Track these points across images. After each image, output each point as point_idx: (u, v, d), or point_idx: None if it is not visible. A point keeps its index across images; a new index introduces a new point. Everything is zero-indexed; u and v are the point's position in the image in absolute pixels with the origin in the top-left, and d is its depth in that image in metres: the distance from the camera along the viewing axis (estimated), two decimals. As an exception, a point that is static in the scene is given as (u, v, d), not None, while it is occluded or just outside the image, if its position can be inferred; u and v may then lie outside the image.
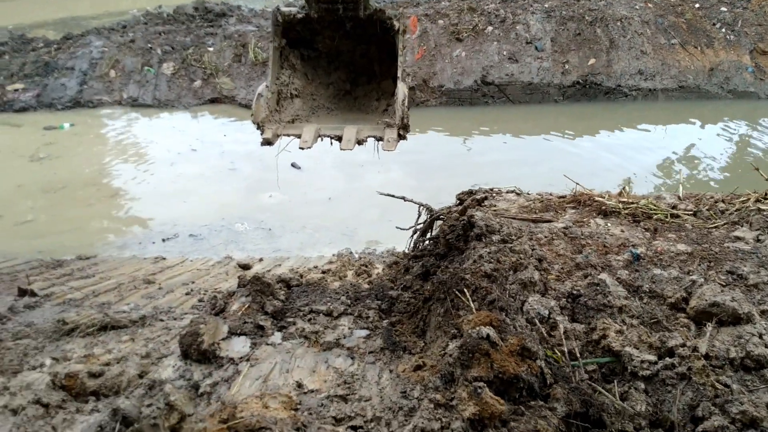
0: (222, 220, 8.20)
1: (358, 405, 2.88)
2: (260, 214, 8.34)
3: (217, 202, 8.73)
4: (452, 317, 3.20)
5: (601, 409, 2.67)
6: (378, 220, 8.13)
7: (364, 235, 7.77)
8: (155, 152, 10.96)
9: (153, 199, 8.90)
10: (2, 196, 9.08)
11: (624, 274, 3.49)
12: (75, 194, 9.21)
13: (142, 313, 4.51)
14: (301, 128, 4.43)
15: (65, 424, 2.97)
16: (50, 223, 8.48)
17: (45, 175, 9.80)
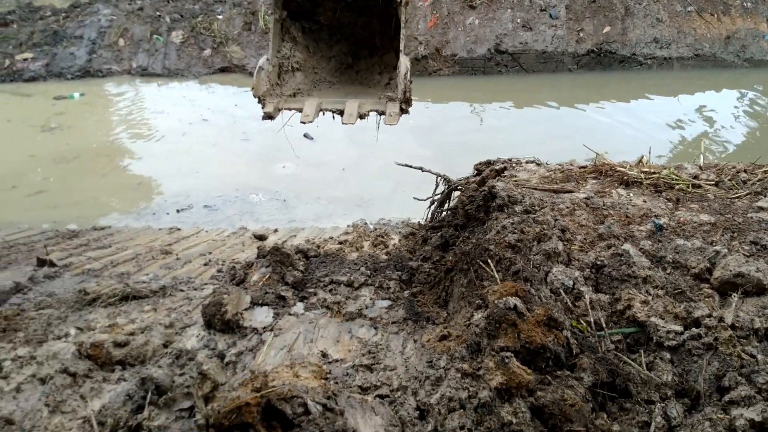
0: (236, 191, 8.19)
1: (384, 374, 2.89)
2: (274, 185, 8.33)
3: (230, 172, 8.71)
4: (476, 288, 3.20)
5: (627, 379, 2.68)
6: (392, 191, 8.11)
7: (379, 206, 7.75)
8: (166, 122, 10.92)
9: (166, 170, 8.89)
10: (15, 166, 9.09)
11: (647, 245, 3.47)
12: (87, 165, 9.21)
13: (162, 283, 4.54)
14: (302, 102, 4.40)
15: (93, 393, 3.00)
16: (64, 193, 8.49)
17: (57, 145, 9.79)
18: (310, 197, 8.04)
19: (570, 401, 2.49)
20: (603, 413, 2.61)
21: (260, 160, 9.19)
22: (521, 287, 2.91)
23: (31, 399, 2.94)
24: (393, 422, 2.48)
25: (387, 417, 2.50)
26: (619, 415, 2.61)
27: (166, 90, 13.41)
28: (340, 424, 2.28)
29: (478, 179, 4.92)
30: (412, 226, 6.41)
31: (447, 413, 2.50)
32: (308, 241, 6.05)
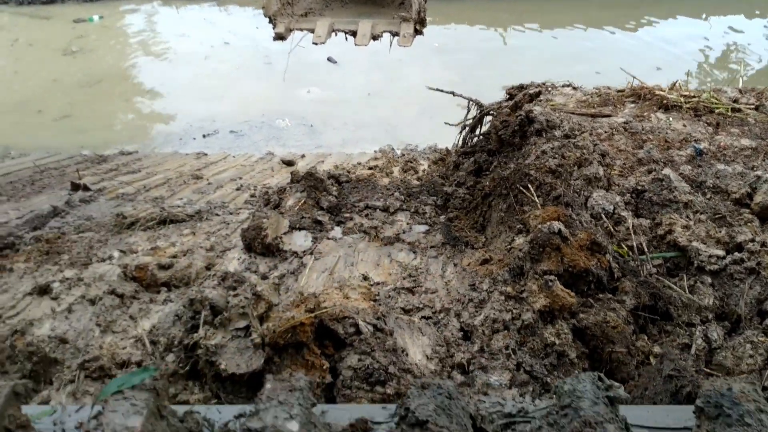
0: (262, 116, 8.13)
1: (426, 297, 2.95)
2: (300, 110, 8.25)
3: (255, 97, 8.62)
4: (516, 213, 3.20)
5: (668, 302, 2.71)
6: (418, 116, 8.01)
7: (405, 131, 7.67)
8: (188, 46, 10.75)
9: (190, 94, 8.82)
10: (39, 91, 9.07)
11: (687, 170, 3.43)
12: (111, 89, 9.16)
13: (197, 207, 4.59)
14: (314, 22, 4.30)
15: (141, 313, 3.09)
16: (89, 118, 8.49)
17: (79, 69, 9.71)
18: (337, 123, 7.97)
19: (612, 323, 2.53)
20: (644, 335, 2.66)
21: (284, 85, 9.06)
22: (563, 212, 2.91)
23: (82, 319, 3.04)
24: (439, 342, 2.54)
25: (433, 337, 2.57)
26: (659, 338, 2.66)
27: (185, 12, 13.14)
28: (390, 343, 2.34)
29: (510, 104, 4.84)
30: (440, 152, 6.37)
31: (491, 334, 2.56)
32: (337, 166, 6.05)
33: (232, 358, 2.21)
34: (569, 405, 1.46)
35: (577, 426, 1.39)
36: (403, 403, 1.47)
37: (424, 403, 1.44)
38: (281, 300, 2.45)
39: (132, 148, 7.61)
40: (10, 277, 3.48)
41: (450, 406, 1.45)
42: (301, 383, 1.50)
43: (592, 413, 1.41)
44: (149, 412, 1.45)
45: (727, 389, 1.51)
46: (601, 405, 1.44)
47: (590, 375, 1.53)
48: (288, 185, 4.70)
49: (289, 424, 1.37)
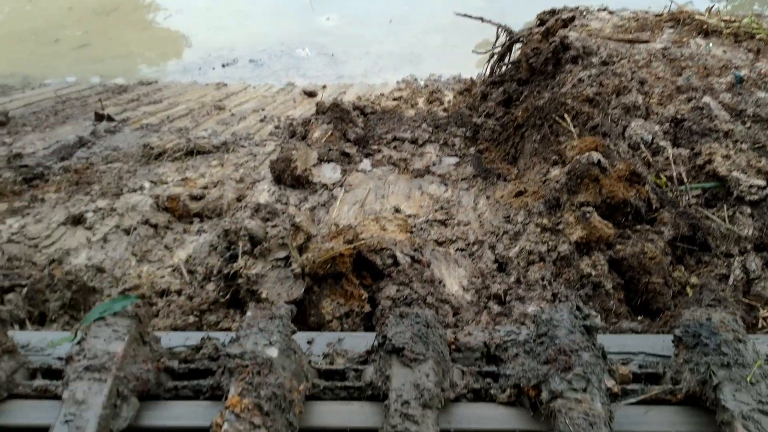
0: (281, 45, 7.95)
1: (459, 229, 2.94)
2: (320, 39, 8.06)
3: (273, 25, 8.42)
4: (551, 144, 3.15)
5: (707, 233, 2.68)
6: (442, 45, 7.80)
7: (429, 61, 7.48)
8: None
9: (208, 23, 8.63)
10: (55, 19, 8.91)
11: (727, 98, 3.34)
12: (127, 17, 8.98)
13: (222, 139, 4.56)
14: None
15: (176, 243, 3.12)
16: (106, 47, 8.36)
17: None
18: (359, 52, 7.78)
19: (650, 254, 2.52)
20: (680, 266, 2.65)
21: (303, 12, 8.84)
22: (601, 142, 2.86)
23: (118, 249, 3.08)
24: (474, 274, 2.55)
25: (469, 269, 2.57)
26: (696, 268, 2.65)
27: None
28: (427, 274, 2.35)
29: (542, 30, 4.69)
30: (465, 82, 6.24)
31: (527, 265, 2.57)
32: (360, 97, 5.96)
33: (273, 288, 2.23)
34: (545, 333, 1.48)
35: (552, 354, 1.41)
36: (381, 330, 1.49)
37: (401, 331, 1.46)
38: (319, 231, 2.45)
39: (151, 78, 7.52)
40: (42, 207, 3.51)
41: (427, 334, 1.48)
42: (282, 311, 1.53)
43: (567, 341, 1.42)
44: (131, 337, 1.48)
45: (706, 319, 1.52)
46: (577, 333, 1.45)
47: (568, 304, 1.54)
48: (313, 116, 4.64)
49: (269, 350, 1.39)
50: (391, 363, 1.41)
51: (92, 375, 1.37)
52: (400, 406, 1.30)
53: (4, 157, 4.21)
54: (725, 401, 1.33)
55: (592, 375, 1.35)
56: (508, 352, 1.56)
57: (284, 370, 1.38)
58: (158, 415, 1.44)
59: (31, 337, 1.76)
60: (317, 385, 1.49)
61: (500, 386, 1.48)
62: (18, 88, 6.95)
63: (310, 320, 2.27)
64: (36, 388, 1.51)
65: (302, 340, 1.70)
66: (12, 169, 4.00)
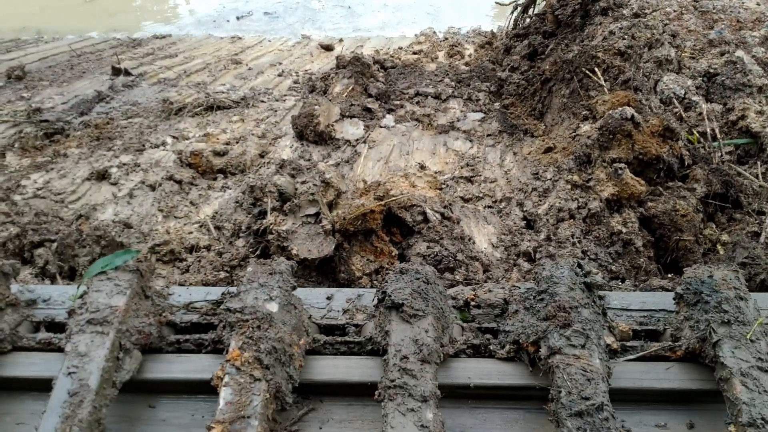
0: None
1: (485, 186, 2.91)
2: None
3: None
4: (581, 98, 3.09)
5: (739, 190, 2.65)
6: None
7: (448, 13, 7.32)
8: None
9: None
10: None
11: (760, 52, 3.26)
12: (139, -31, 8.84)
13: (241, 94, 4.52)
14: None
15: (201, 199, 3.12)
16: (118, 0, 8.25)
17: (104, -53, 9.33)
18: (376, 4, 7.62)
19: (681, 211, 2.49)
20: (711, 224, 2.62)
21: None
22: (633, 97, 2.80)
23: (144, 204, 3.08)
24: (504, 231, 2.54)
25: (498, 226, 2.56)
26: (727, 226, 2.62)
27: None
28: (457, 231, 2.34)
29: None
30: (486, 35, 6.12)
31: (556, 223, 2.55)
32: (378, 51, 5.87)
33: (303, 244, 2.23)
34: (546, 290, 1.47)
35: (551, 310, 1.40)
36: (381, 287, 1.49)
37: (401, 287, 1.46)
38: (348, 188, 2.44)
39: (165, 31, 7.42)
40: (65, 163, 3.50)
41: (427, 290, 1.47)
42: (282, 267, 1.53)
43: (567, 298, 1.42)
44: (133, 291, 1.48)
45: (708, 276, 1.51)
46: (578, 290, 1.45)
47: (569, 262, 1.53)
48: (333, 71, 4.58)
49: (269, 305, 1.40)
50: (390, 318, 1.41)
51: (94, 328, 1.38)
52: (399, 361, 1.31)
53: (23, 112, 4.20)
54: (724, 358, 1.33)
55: (591, 332, 1.35)
56: (509, 308, 1.56)
57: (284, 324, 1.38)
58: (160, 368, 1.46)
59: (53, 291, 1.77)
60: (317, 340, 1.50)
61: (499, 342, 1.49)
62: (31, 42, 6.89)
63: (340, 276, 2.28)
64: (40, 341, 1.53)
65: (322, 296, 1.70)
66: (33, 124, 3.99)
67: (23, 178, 3.29)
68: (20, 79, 5.16)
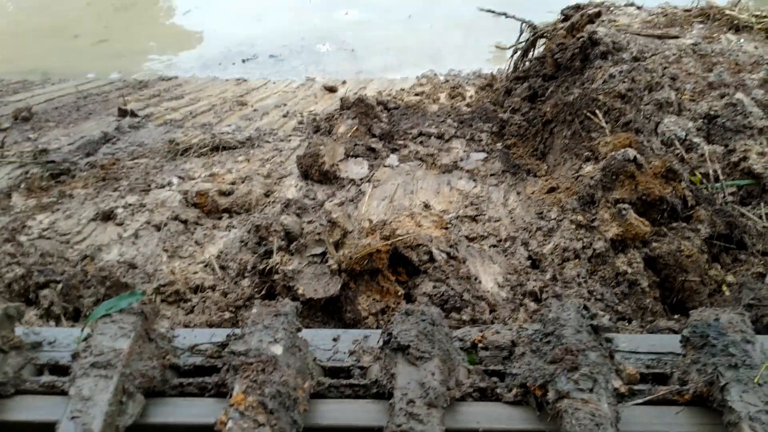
0: (302, 40, 7.94)
1: (490, 225, 2.92)
2: (339, 34, 8.04)
3: (293, 20, 8.41)
4: (583, 139, 3.13)
5: (743, 231, 2.65)
6: (463, 40, 7.76)
7: (449, 56, 7.45)
8: (222, -33, 10.48)
9: (227, 17, 8.63)
10: (75, 14, 8.96)
11: (759, 94, 3.30)
12: (146, 12, 9.02)
13: (247, 134, 4.57)
14: None
15: (206, 239, 3.13)
16: (125, 42, 8.40)
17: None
18: (378, 47, 7.75)
19: (686, 252, 2.50)
20: (716, 264, 2.62)
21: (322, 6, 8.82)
22: (635, 139, 2.84)
23: (149, 244, 3.09)
24: (509, 270, 2.54)
25: (504, 265, 2.56)
26: (733, 266, 2.62)
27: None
28: (463, 271, 2.34)
29: (566, 25, 4.66)
30: (486, 77, 6.21)
31: (562, 262, 2.55)
32: (380, 92, 5.95)
33: (310, 283, 2.23)
34: (552, 332, 1.46)
35: (558, 353, 1.39)
36: (387, 328, 1.49)
37: (407, 328, 1.46)
38: (354, 227, 2.45)
39: (171, 73, 7.55)
40: (71, 203, 3.53)
41: (433, 332, 1.47)
42: (287, 308, 1.53)
43: (574, 341, 1.41)
44: (137, 334, 1.48)
45: (714, 319, 1.51)
46: (584, 333, 1.44)
47: (575, 303, 1.53)
48: (337, 111, 4.64)
49: (273, 348, 1.39)
50: (396, 361, 1.41)
51: (98, 372, 1.38)
52: (405, 405, 1.30)
53: (30, 153, 4.25)
54: (732, 402, 1.32)
55: (599, 375, 1.35)
56: (515, 350, 1.55)
57: (289, 367, 1.37)
58: (164, 411, 1.45)
59: (58, 333, 1.77)
60: (322, 383, 1.49)
61: (506, 385, 1.48)
62: (39, 84, 7.00)
63: (346, 317, 2.27)
64: (43, 384, 1.52)
65: (328, 338, 1.70)
66: (39, 165, 4.03)
67: (29, 218, 3.30)
68: (27, 120, 5.22)
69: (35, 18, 8.96)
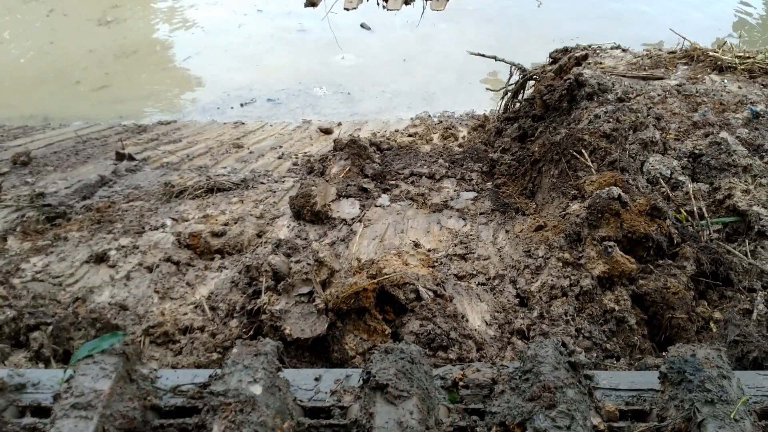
0: (299, 84, 8.08)
1: (479, 263, 2.95)
2: (336, 78, 8.18)
3: (290, 65, 8.57)
4: (569, 178, 3.17)
5: (729, 268, 2.67)
6: (456, 83, 7.90)
7: (443, 98, 7.58)
8: (221, 14, 10.67)
9: (226, 63, 8.79)
10: (76, 61, 9.11)
11: (744, 133, 3.36)
12: (147, 59, 9.17)
13: (242, 176, 4.63)
14: None
15: (198, 280, 3.15)
16: (126, 88, 8.53)
17: (115, 39, 9.72)
18: (373, 90, 7.88)
19: (673, 289, 2.51)
20: (703, 301, 2.63)
21: (319, 52, 8.99)
22: (621, 177, 2.88)
23: (141, 286, 3.11)
24: (497, 308, 2.55)
25: (491, 303, 2.57)
26: (719, 303, 2.63)
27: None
28: (450, 309, 2.35)
29: (555, 68, 4.75)
30: (478, 118, 6.30)
31: (549, 300, 2.56)
32: (374, 134, 6.03)
33: (297, 323, 2.24)
34: (531, 370, 1.47)
35: (536, 390, 1.40)
36: (366, 367, 1.49)
37: (385, 367, 1.46)
38: (341, 266, 2.47)
39: (170, 118, 7.66)
40: (66, 246, 3.55)
41: (412, 370, 1.47)
42: (267, 348, 1.53)
43: (552, 378, 1.42)
44: (118, 375, 1.49)
45: (690, 355, 1.52)
46: (562, 370, 1.45)
47: (553, 341, 1.54)
48: (330, 153, 4.70)
49: (253, 388, 1.40)
50: (375, 400, 1.41)
51: (79, 413, 1.38)
52: None
53: (27, 197, 4.29)
54: None
55: (577, 412, 1.35)
56: (495, 388, 1.56)
57: (268, 407, 1.38)
58: None
59: (42, 375, 1.77)
60: (302, 423, 1.49)
61: (486, 424, 1.48)
62: (39, 129, 7.09)
63: (333, 356, 2.28)
64: (25, 426, 1.52)
65: (310, 377, 1.70)
66: (35, 209, 4.07)
67: (23, 261, 3.33)
68: (25, 164, 5.28)
69: (37, 64, 9.13)
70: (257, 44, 9.46)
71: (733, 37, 9.23)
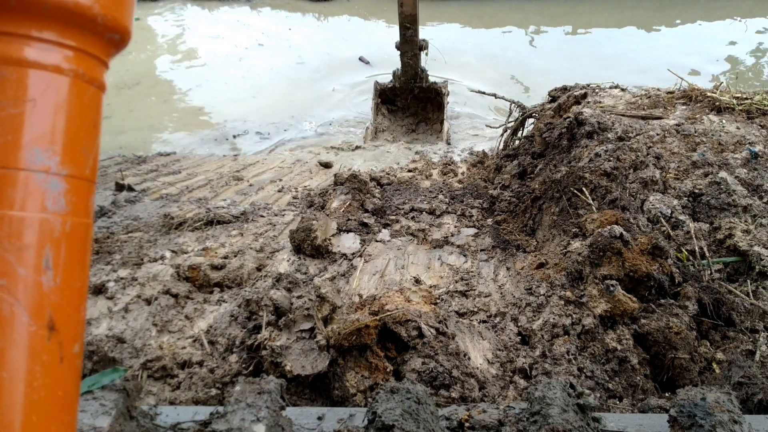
0: (291, 118, 8.17)
1: (480, 300, 2.93)
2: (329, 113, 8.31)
3: (285, 97, 8.67)
4: (570, 216, 3.18)
5: (731, 308, 2.67)
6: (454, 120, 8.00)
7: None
8: (223, 47, 10.85)
9: (225, 95, 8.88)
10: (78, 93, 9.18)
11: (743, 173, 3.39)
12: (149, 91, 9.25)
13: (241, 209, 4.62)
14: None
15: (196, 313, 3.12)
16: (127, 119, 8.59)
17: (117, 71, 9.83)
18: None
19: (675, 329, 2.50)
20: (705, 341, 2.62)
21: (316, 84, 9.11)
22: (621, 216, 2.89)
23: (139, 319, 3.08)
24: (499, 347, 2.53)
25: (493, 341, 2.56)
26: (722, 344, 2.62)
27: (218, 14, 13.26)
28: (453, 347, 2.33)
29: (554, 106, 4.81)
30: (478, 155, 6.34)
31: (551, 339, 2.55)
32: (374, 169, 6.06)
33: (297, 360, 2.22)
34: (538, 412, 1.45)
35: None
36: (371, 407, 1.47)
37: (391, 407, 1.44)
38: (344, 302, 2.45)
39: (170, 149, 7.69)
40: (63, 276, 3.52)
41: (418, 410, 1.45)
42: (271, 386, 1.51)
43: (560, 420, 1.40)
44: (118, 412, 1.47)
45: (701, 399, 1.50)
46: (571, 412, 1.43)
47: (561, 382, 1.52)
48: (331, 187, 4.72)
49: (256, 427, 1.38)
50: None
51: None
52: None
53: (26, 226, 4.27)
54: None
55: None
56: (502, 430, 1.54)
57: None
58: None
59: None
60: None
61: None
62: (40, 159, 7.09)
63: (334, 393, 2.25)
64: None
65: (313, 416, 1.67)
66: (34, 238, 4.05)
67: (20, 291, 3.30)
68: (26, 193, 5.28)
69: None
70: (256, 77, 9.58)
71: (725, 75, 9.38)
